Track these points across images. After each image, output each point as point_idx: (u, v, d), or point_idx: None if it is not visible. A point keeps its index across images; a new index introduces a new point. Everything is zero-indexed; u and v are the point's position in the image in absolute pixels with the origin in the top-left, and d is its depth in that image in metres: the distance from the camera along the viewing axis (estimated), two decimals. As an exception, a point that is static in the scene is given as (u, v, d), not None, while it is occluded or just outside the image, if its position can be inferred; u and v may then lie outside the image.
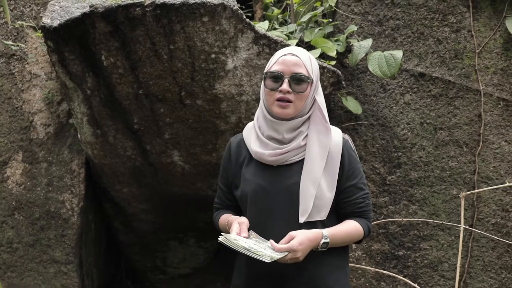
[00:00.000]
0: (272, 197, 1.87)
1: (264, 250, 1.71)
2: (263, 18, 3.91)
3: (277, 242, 1.76)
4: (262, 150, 1.89)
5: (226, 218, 1.98)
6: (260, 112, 1.95)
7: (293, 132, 1.88)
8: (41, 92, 3.44)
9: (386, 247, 3.22)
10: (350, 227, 1.88)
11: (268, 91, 1.88)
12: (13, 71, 3.50)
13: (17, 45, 3.40)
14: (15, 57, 3.50)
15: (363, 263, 3.20)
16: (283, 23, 3.81)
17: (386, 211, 3.21)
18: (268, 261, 1.65)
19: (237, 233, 1.79)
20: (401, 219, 3.12)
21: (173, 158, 3.05)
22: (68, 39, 2.69)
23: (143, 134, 2.96)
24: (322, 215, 1.85)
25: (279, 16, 3.84)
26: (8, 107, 3.49)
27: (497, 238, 3.03)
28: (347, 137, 1.98)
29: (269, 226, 1.85)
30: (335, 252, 1.87)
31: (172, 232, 3.68)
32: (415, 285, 2.85)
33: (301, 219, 1.82)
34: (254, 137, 1.93)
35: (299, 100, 1.86)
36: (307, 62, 1.89)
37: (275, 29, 3.56)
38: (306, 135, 1.89)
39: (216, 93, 2.80)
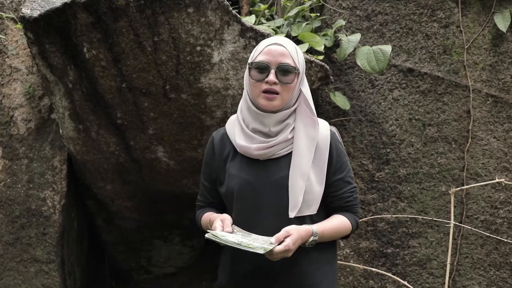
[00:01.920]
0: (260, 193, 1.81)
1: (254, 242, 1.65)
2: (250, 14, 3.85)
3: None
4: (247, 144, 1.82)
5: (208, 216, 1.93)
6: (244, 103, 1.88)
7: (279, 124, 1.82)
8: (22, 86, 3.36)
9: (374, 245, 3.18)
10: (338, 223, 1.84)
11: (254, 82, 1.81)
12: (-7, 65, 3.42)
13: (-3, 37, 3.32)
14: (-5, 50, 3.42)
15: (351, 261, 3.17)
16: (270, 18, 3.77)
17: (375, 208, 3.18)
18: (262, 253, 1.59)
19: (221, 230, 1.73)
20: (389, 216, 3.09)
21: (157, 154, 2.99)
22: (48, 30, 2.62)
23: (126, 129, 2.90)
24: (312, 209, 1.80)
25: (266, 11, 3.80)
26: (-12, 102, 3.41)
27: (487, 234, 3.01)
28: (334, 129, 1.94)
29: (256, 222, 1.79)
30: (323, 247, 1.83)
31: (157, 230, 3.63)
32: (405, 282, 2.82)
33: (291, 214, 1.77)
34: (239, 130, 1.86)
35: (285, 92, 1.80)
36: (293, 52, 1.83)
37: (262, 23, 3.51)
38: (293, 128, 1.83)
39: (202, 87, 2.74)
